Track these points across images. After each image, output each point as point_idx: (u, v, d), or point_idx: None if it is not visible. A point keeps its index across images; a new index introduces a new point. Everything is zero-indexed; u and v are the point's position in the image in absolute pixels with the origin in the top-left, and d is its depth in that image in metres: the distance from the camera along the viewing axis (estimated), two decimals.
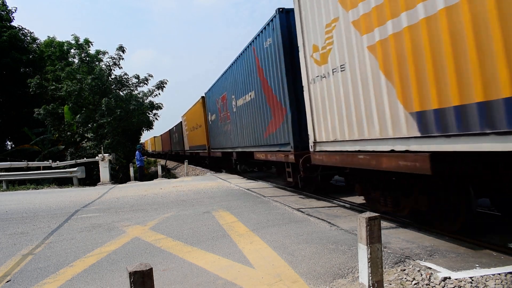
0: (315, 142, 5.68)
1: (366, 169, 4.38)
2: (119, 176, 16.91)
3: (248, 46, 9.01)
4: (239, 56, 9.87)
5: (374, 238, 2.26)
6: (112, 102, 17.00)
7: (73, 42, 20.53)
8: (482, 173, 3.43)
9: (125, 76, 19.80)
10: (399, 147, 3.77)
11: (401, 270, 2.99)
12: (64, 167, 14.85)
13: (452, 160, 3.31)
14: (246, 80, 9.37)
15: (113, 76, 19.47)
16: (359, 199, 6.25)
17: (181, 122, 23.60)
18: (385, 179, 4.63)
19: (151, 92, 19.92)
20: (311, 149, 5.81)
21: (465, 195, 3.98)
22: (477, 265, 3.06)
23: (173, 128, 28.27)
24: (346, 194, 7.10)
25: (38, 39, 24.55)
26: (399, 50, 3.62)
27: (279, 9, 6.84)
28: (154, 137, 48.10)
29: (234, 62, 10.53)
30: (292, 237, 4.15)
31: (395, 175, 4.39)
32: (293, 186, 7.86)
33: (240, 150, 10.89)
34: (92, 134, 17.77)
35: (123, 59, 19.48)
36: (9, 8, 22.39)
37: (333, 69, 4.96)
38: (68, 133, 18.22)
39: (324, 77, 5.22)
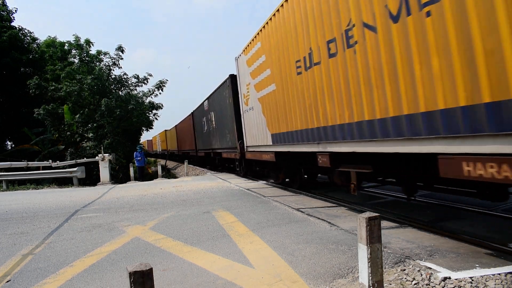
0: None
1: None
2: (119, 176, 16.91)
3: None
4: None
5: (374, 238, 2.26)
6: (112, 102, 17.00)
7: (73, 42, 20.54)
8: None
9: (125, 76, 19.80)
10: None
11: (401, 270, 2.99)
12: (64, 167, 14.85)
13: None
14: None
15: (112, 76, 19.47)
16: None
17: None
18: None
19: (151, 92, 19.92)
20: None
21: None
22: (477, 265, 3.06)
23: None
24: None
25: (38, 39, 24.57)
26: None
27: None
28: (166, 131, 34.01)
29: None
30: (292, 237, 4.15)
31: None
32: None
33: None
34: (92, 134, 17.77)
35: (122, 59, 19.49)
36: (10, 8, 22.42)
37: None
38: (68, 133, 18.21)
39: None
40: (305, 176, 8.80)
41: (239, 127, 10.55)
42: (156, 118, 21.18)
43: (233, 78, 11.16)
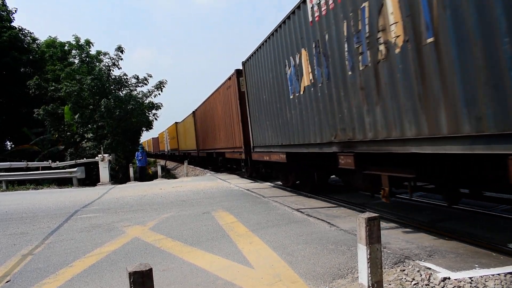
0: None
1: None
2: (118, 177, 16.90)
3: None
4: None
5: (373, 238, 2.26)
6: (111, 103, 17.00)
7: (74, 42, 20.54)
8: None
9: (124, 77, 19.80)
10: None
11: (400, 270, 3.00)
12: (63, 168, 14.85)
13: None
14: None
15: (112, 77, 19.46)
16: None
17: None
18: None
19: (150, 93, 19.92)
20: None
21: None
22: (476, 266, 3.06)
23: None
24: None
25: (38, 39, 24.57)
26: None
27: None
28: (177, 124, 25.25)
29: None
30: (292, 238, 4.15)
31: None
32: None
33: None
34: (91, 135, 17.77)
35: (122, 59, 19.50)
36: (9, 8, 22.42)
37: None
38: (68, 133, 18.20)
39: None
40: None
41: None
42: (155, 118, 21.20)
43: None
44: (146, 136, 66.25)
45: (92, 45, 20.62)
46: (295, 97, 6.55)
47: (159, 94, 20.04)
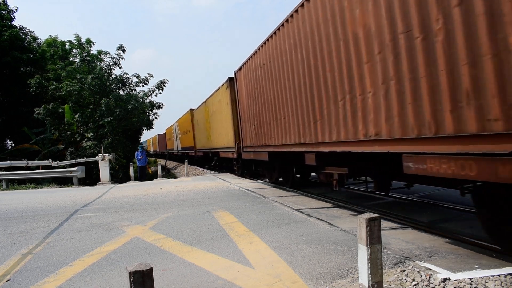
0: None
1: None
2: (119, 176, 16.91)
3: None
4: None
5: (374, 238, 2.26)
6: (112, 102, 17.00)
7: (75, 41, 20.55)
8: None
9: (125, 76, 19.81)
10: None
11: (400, 271, 3.00)
12: (64, 167, 14.86)
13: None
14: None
15: (113, 76, 19.47)
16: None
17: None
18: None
19: (151, 92, 19.93)
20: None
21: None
22: (476, 266, 3.06)
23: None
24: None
25: (38, 38, 24.59)
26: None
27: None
28: (191, 110, 19.32)
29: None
30: (292, 238, 4.15)
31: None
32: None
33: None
34: (92, 134, 17.77)
35: (123, 58, 19.51)
36: (10, 7, 22.42)
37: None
38: (68, 132, 18.21)
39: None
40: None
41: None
42: (156, 118, 21.22)
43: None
44: (146, 136, 65.22)
45: (93, 44, 20.66)
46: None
47: (160, 93, 20.04)
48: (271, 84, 7.67)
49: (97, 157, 14.17)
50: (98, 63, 19.60)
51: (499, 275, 2.82)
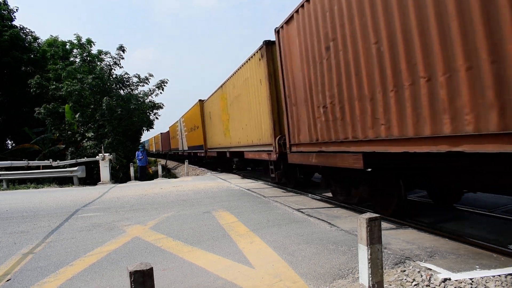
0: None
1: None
2: (119, 176, 16.92)
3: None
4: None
5: (374, 238, 2.26)
6: (113, 101, 17.02)
7: (75, 41, 20.57)
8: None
9: (126, 76, 19.82)
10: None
11: (401, 271, 2.99)
12: (64, 167, 14.87)
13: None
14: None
15: (114, 76, 19.49)
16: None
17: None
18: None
19: (151, 92, 19.95)
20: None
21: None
22: (477, 267, 3.06)
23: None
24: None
25: (39, 38, 24.61)
26: None
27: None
28: (200, 101, 16.96)
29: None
30: (292, 238, 4.15)
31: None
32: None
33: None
34: (92, 134, 17.78)
35: (123, 58, 19.53)
36: (11, 7, 22.44)
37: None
38: (69, 132, 18.23)
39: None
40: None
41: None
42: (156, 118, 21.24)
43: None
44: (147, 136, 64.96)
45: (94, 44, 20.68)
46: None
47: (160, 93, 20.08)
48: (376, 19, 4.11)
49: (97, 157, 14.18)
50: (98, 63, 19.62)
51: (499, 275, 2.81)
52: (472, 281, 2.72)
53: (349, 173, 5.65)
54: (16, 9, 22.70)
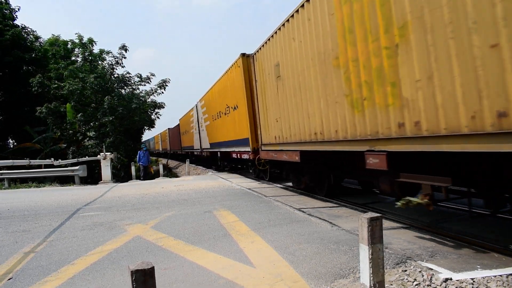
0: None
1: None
2: (120, 175, 16.94)
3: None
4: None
5: (375, 238, 2.26)
6: (115, 100, 17.03)
7: (77, 41, 20.60)
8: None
9: (128, 75, 19.83)
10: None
11: (402, 270, 2.99)
12: (65, 166, 14.90)
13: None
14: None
15: (115, 75, 19.50)
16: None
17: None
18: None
19: (153, 91, 19.94)
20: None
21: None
22: (478, 266, 3.05)
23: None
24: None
25: (40, 37, 24.65)
26: None
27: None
28: (244, 56, 9.51)
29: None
30: (293, 237, 4.15)
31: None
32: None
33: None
34: (94, 133, 17.80)
35: (125, 58, 19.54)
36: (12, 7, 22.50)
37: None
38: (70, 131, 18.26)
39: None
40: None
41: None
42: (158, 117, 21.25)
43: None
44: (147, 135, 64.57)
45: (95, 43, 20.70)
46: None
47: (162, 92, 20.07)
48: None
49: (98, 156, 14.19)
50: (100, 62, 19.64)
51: (501, 275, 2.81)
52: (474, 281, 2.72)
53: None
54: (18, 9, 22.80)
